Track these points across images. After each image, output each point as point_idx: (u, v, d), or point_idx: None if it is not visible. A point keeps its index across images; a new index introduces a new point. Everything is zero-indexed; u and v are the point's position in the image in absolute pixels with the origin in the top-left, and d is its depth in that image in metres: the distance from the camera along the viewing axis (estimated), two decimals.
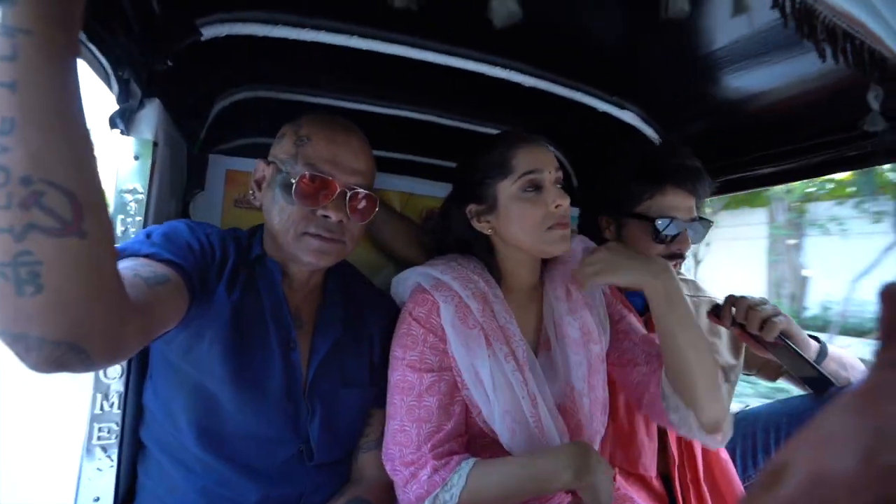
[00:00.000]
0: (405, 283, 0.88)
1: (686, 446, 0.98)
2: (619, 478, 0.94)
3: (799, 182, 5.42)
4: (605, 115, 1.14)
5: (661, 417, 0.82)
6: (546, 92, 1.04)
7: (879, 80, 0.53)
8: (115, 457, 0.76)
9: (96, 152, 0.40)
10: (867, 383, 0.22)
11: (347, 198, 0.73)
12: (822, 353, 0.91)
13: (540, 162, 0.81)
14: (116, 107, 0.75)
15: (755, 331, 0.84)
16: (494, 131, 1.26)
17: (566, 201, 0.81)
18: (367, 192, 0.76)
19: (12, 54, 0.34)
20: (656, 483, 0.97)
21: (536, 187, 0.81)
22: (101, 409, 0.75)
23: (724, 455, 0.98)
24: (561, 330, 0.86)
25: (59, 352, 0.40)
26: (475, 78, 0.97)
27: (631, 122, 1.16)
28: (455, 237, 0.89)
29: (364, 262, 1.14)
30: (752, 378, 1.14)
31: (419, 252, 1.08)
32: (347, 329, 0.84)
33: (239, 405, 0.71)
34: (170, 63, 0.81)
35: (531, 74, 1.00)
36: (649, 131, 1.19)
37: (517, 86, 1.01)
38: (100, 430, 0.75)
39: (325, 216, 0.72)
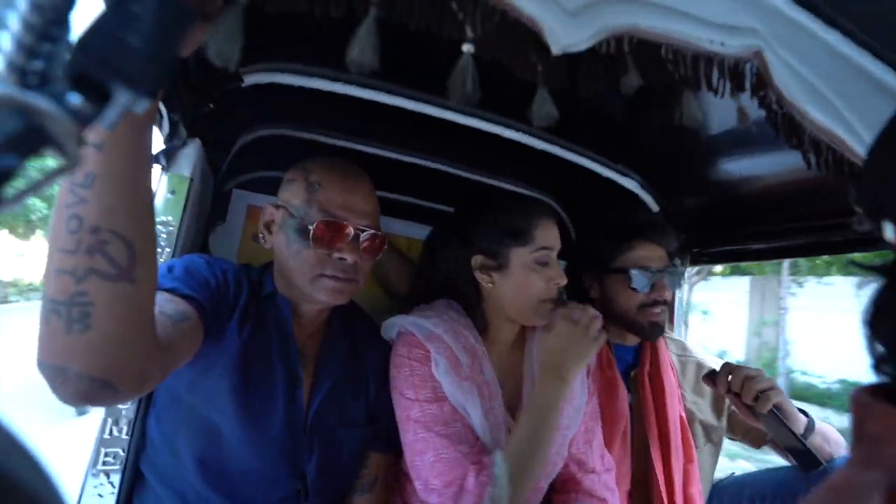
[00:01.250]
0: (394, 326, 0.90)
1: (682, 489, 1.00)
2: None
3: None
4: (609, 180, 1.22)
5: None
6: (554, 154, 1.12)
7: (857, 186, 0.61)
8: (116, 483, 0.76)
9: (154, 203, 0.44)
10: (839, 480, 0.27)
11: (360, 239, 0.77)
12: (810, 427, 0.94)
13: (554, 240, 0.89)
14: (163, 146, 0.80)
15: (750, 401, 0.87)
16: (502, 185, 1.35)
17: (564, 281, 0.88)
18: (376, 231, 0.80)
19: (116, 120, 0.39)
20: None
21: (546, 262, 0.87)
22: (111, 433, 0.76)
23: None
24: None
25: (92, 387, 0.42)
26: (488, 136, 1.04)
27: (632, 188, 1.24)
28: (448, 280, 0.92)
29: (366, 301, 1.18)
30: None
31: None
32: (347, 367, 0.86)
33: (242, 440, 0.71)
34: (211, 106, 0.88)
35: (541, 138, 1.08)
36: (648, 198, 1.27)
37: (527, 145, 1.08)
38: (106, 454, 0.75)
39: (341, 258, 0.76)
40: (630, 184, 1.24)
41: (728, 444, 1.17)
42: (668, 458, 1.00)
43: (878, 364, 0.29)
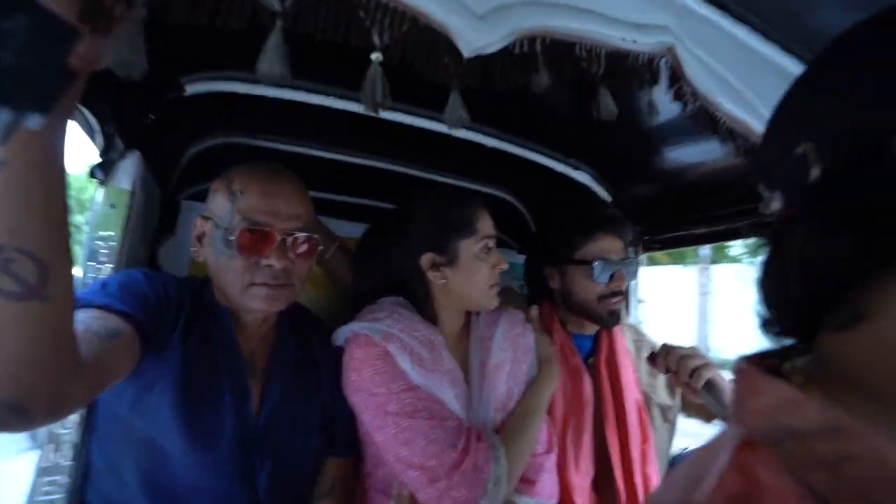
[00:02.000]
0: (344, 335, 0.88)
1: (629, 486, 1.03)
2: None
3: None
4: (562, 174, 1.25)
5: None
6: (508, 152, 1.15)
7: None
8: None
9: (70, 219, 0.42)
10: (711, 439, 0.30)
11: (288, 244, 0.76)
12: None
13: (492, 228, 0.94)
14: (98, 159, 0.78)
15: (685, 379, 0.91)
16: (454, 181, 1.36)
17: (506, 266, 0.93)
18: (306, 234, 0.78)
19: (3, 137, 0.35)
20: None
21: (489, 249, 0.91)
22: (51, 460, 0.73)
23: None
24: (484, 369, 0.92)
25: (1, 412, 0.40)
26: (440, 134, 1.06)
27: (584, 181, 1.28)
28: (395, 280, 0.93)
29: (321, 308, 1.17)
30: None
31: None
32: (300, 373, 0.84)
33: (189, 458, 0.70)
34: (152, 117, 0.86)
35: (493, 136, 1.10)
36: (600, 190, 1.31)
37: (483, 146, 1.10)
38: (48, 483, 0.73)
39: (269, 265, 0.74)
40: (582, 177, 1.28)
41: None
42: (626, 441, 1.03)
43: (764, 325, 0.32)
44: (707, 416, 1.14)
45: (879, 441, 0.23)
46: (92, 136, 0.76)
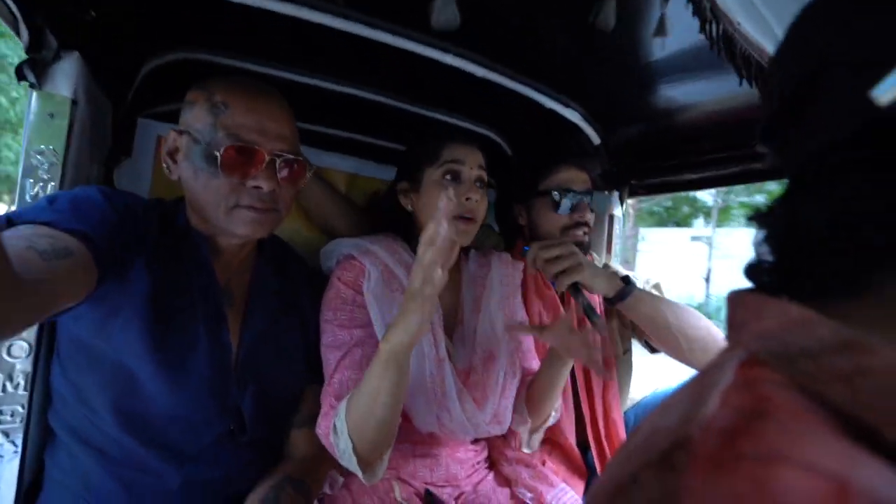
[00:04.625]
0: (333, 253, 0.91)
1: (592, 412, 1.08)
2: (542, 454, 1.02)
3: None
4: (552, 112, 1.18)
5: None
6: (496, 84, 1.06)
7: None
8: (19, 442, 0.70)
9: None
10: (706, 366, 0.29)
11: (277, 165, 0.70)
12: (624, 293, 0.97)
13: (463, 155, 0.88)
14: (25, 55, 0.67)
15: (550, 279, 0.94)
16: (443, 117, 1.28)
17: (476, 196, 0.86)
18: (295, 157, 0.73)
19: None
20: (576, 453, 1.06)
21: (455, 177, 0.87)
22: (4, 390, 0.69)
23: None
24: (479, 303, 0.94)
25: None
26: (427, 63, 0.97)
27: (574, 120, 1.22)
28: (384, 211, 0.96)
29: (302, 241, 1.12)
30: None
31: (360, 233, 1.08)
32: (281, 304, 0.82)
33: (161, 384, 0.67)
34: (93, 13, 0.74)
35: (482, 65, 1.02)
36: (590, 131, 1.25)
37: (469, 75, 1.02)
38: (1, 413, 0.69)
39: (256, 186, 0.69)
40: (573, 115, 1.21)
41: None
42: (589, 373, 1.07)
43: (757, 268, 0.30)
44: (650, 347, 1.15)
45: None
46: (15, 28, 0.64)
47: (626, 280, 0.99)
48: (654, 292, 1.05)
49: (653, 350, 1.13)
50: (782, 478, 0.20)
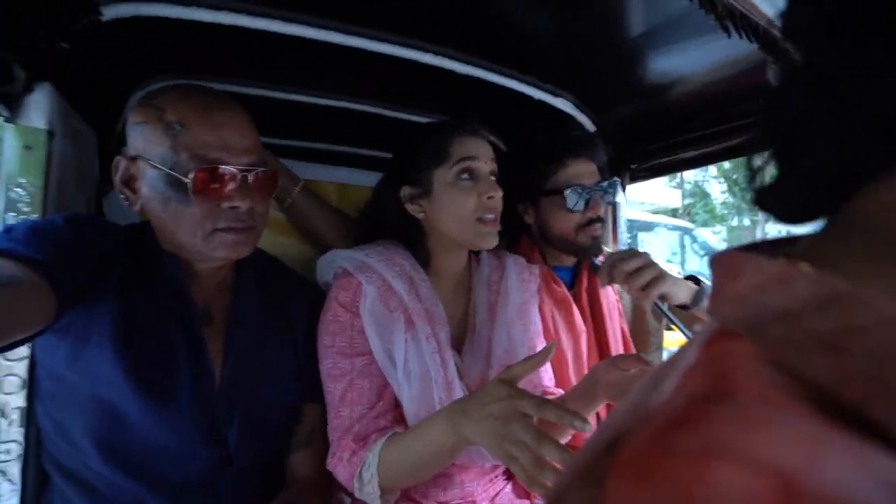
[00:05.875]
0: (330, 265, 0.86)
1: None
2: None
3: None
4: (542, 103, 1.15)
5: None
6: (482, 80, 1.04)
7: (775, 59, 0.57)
8: (17, 480, 0.68)
9: None
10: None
11: (249, 181, 0.67)
12: (699, 298, 0.91)
13: (476, 150, 0.82)
14: None
15: (635, 295, 0.84)
16: (430, 119, 1.26)
17: (498, 193, 0.82)
18: (264, 168, 0.69)
19: None
20: None
21: (471, 175, 0.81)
22: None
23: None
24: (494, 312, 0.88)
25: None
26: (409, 66, 0.95)
27: (566, 109, 1.18)
28: (386, 220, 0.88)
29: (295, 253, 1.11)
30: None
31: (354, 245, 1.06)
32: (267, 321, 0.79)
33: (142, 414, 0.64)
34: (64, 45, 0.74)
35: (463, 61, 1.00)
36: (583, 118, 1.21)
37: (453, 74, 1.00)
38: None
39: (233, 207, 0.66)
40: (563, 104, 1.18)
41: None
42: None
43: (765, 191, 0.24)
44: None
45: (894, 306, 0.18)
46: None
47: (696, 281, 0.92)
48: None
49: None
50: (712, 477, 0.16)
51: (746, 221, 14.18)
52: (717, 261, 0.25)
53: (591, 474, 0.19)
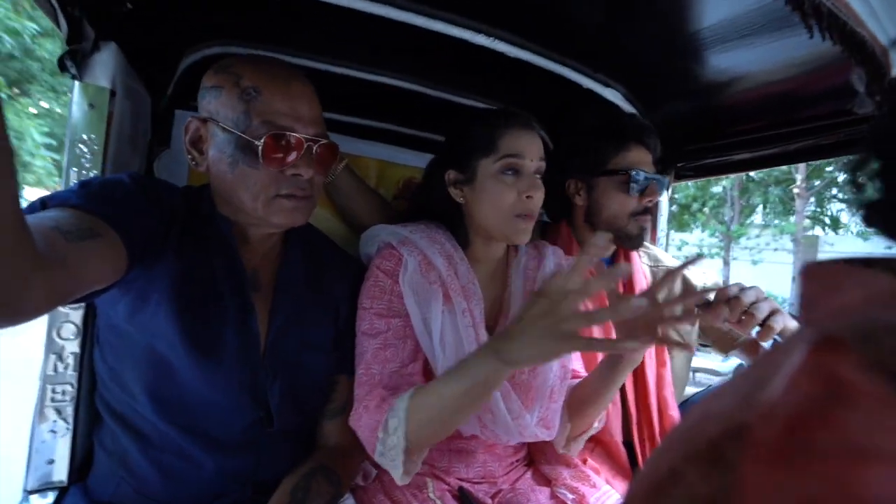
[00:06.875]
0: (374, 240, 0.88)
1: (644, 409, 1.02)
2: (583, 451, 0.97)
3: None
4: (590, 92, 1.12)
5: None
6: (531, 66, 1.02)
7: (861, 62, 0.53)
8: (70, 419, 0.73)
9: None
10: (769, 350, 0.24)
11: (315, 151, 0.69)
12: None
13: (524, 147, 0.81)
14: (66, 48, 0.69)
15: (751, 333, 0.76)
16: (476, 104, 1.24)
17: (539, 193, 0.81)
18: (328, 141, 0.71)
19: None
20: (621, 451, 1.00)
21: (516, 172, 0.81)
22: (55, 370, 0.72)
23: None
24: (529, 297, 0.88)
25: None
26: (460, 47, 0.94)
27: (614, 100, 1.15)
28: (431, 201, 0.89)
29: (335, 229, 1.12)
30: None
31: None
32: (310, 292, 0.81)
33: (192, 371, 0.67)
34: (129, 5, 0.75)
35: (516, 45, 0.97)
36: (631, 110, 1.18)
37: (502, 58, 0.98)
38: (53, 391, 0.72)
39: (296, 174, 0.68)
40: (612, 95, 1.14)
41: None
42: (641, 364, 1.00)
43: (872, 209, 0.24)
44: (725, 348, 1.09)
45: None
46: (54, 19, 0.66)
47: None
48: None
49: (726, 352, 1.07)
50: (870, 478, 0.16)
51: None
52: (812, 272, 0.25)
53: (713, 457, 0.20)
